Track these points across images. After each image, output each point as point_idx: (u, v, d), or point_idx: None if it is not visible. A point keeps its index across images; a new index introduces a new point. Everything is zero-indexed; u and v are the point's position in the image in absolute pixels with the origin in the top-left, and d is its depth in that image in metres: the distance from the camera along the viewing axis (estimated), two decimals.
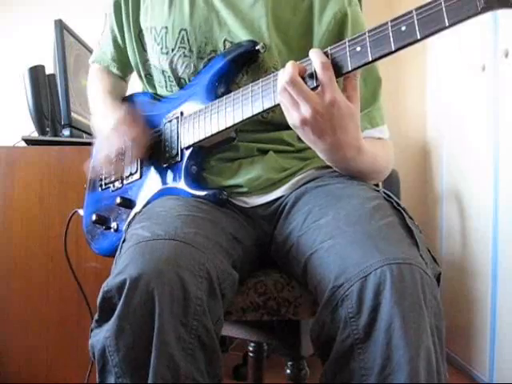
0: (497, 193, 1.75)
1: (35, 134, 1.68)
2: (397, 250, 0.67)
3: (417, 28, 0.66)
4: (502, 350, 1.73)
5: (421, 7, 0.66)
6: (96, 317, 0.68)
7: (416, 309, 0.62)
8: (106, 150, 0.96)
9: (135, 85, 1.14)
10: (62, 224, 1.28)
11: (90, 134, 1.76)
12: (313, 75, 0.75)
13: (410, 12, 0.67)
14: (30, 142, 1.62)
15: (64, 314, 1.54)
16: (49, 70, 1.70)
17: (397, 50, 0.69)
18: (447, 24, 0.64)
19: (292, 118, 0.76)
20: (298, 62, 0.76)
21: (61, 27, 1.65)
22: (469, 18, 0.63)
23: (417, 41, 0.67)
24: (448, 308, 0.69)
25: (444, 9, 0.64)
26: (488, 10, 0.62)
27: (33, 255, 1.55)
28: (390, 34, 0.69)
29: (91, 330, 0.68)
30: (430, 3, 0.66)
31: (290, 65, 0.75)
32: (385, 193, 0.82)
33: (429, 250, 0.74)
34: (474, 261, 1.94)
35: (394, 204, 0.79)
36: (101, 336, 0.65)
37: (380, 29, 0.70)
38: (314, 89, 0.75)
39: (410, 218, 0.77)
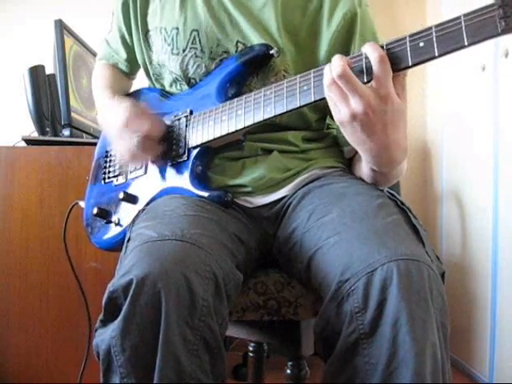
0: (497, 193, 1.75)
1: (35, 134, 1.68)
2: (404, 247, 0.67)
3: (435, 45, 0.66)
4: (502, 350, 1.73)
5: (440, 24, 0.66)
6: (101, 317, 0.68)
7: (423, 305, 0.62)
8: (120, 151, 0.94)
9: (140, 82, 1.14)
10: (61, 224, 1.29)
11: (90, 134, 1.77)
12: (362, 70, 0.71)
13: (430, 28, 0.67)
14: (30, 142, 1.62)
15: (63, 314, 1.54)
16: (49, 70, 1.70)
17: (414, 65, 0.69)
18: (466, 43, 0.63)
19: (340, 113, 0.72)
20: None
21: (61, 27, 1.65)
22: (488, 38, 0.62)
23: (434, 57, 0.66)
24: (448, 307, 0.69)
25: (464, 28, 0.63)
26: (508, 33, 0.61)
27: (32, 255, 1.55)
28: (408, 49, 0.68)
29: (95, 330, 0.68)
30: (449, 21, 0.65)
31: (338, 58, 0.70)
32: (389, 192, 0.82)
33: (432, 250, 0.74)
34: (474, 261, 1.94)
35: (399, 203, 0.79)
36: (106, 336, 0.65)
37: (398, 43, 0.70)
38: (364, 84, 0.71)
39: (415, 216, 0.77)
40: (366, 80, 0.71)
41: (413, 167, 2.42)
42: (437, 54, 0.66)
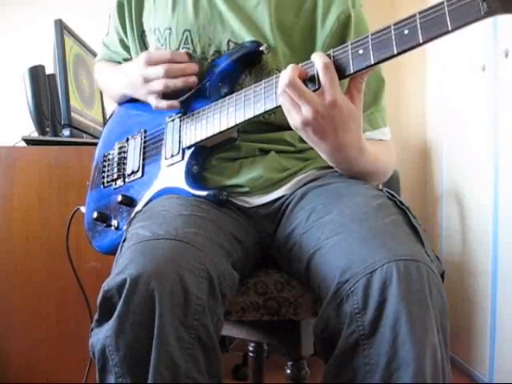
0: (497, 193, 1.75)
1: (35, 134, 1.68)
2: (403, 247, 0.67)
3: (419, 32, 0.66)
4: (502, 350, 1.73)
5: (424, 11, 0.66)
6: (96, 316, 0.68)
7: (422, 305, 0.62)
8: (152, 88, 0.92)
9: None
10: (61, 224, 1.29)
11: (90, 134, 1.77)
12: (314, 78, 0.75)
13: (414, 15, 0.67)
14: (30, 141, 1.62)
15: (64, 314, 1.54)
16: (49, 70, 1.70)
17: (399, 53, 0.69)
18: (450, 28, 0.64)
19: (293, 119, 0.77)
20: (300, 65, 0.77)
21: (61, 27, 1.65)
22: (472, 22, 0.63)
23: (419, 44, 0.67)
24: (448, 308, 0.70)
25: (447, 13, 0.64)
26: (491, 15, 0.62)
27: (33, 255, 1.55)
28: (393, 38, 0.69)
29: (91, 330, 0.68)
30: (433, 7, 0.66)
31: (289, 67, 0.75)
32: (388, 192, 0.82)
33: (432, 249, 0.74)
34: (474, 261, 1.94)
35: (398, 203, 0.79)
36: (101, 335, 0.65)
37: (383, 32, 0.70)
38: (315, 91, 0.75)
39: (414, 216, 0.77)
40: (317, 87, 0.74)
41: (413, 167, 2.42)
42: (421, 41, 0.67)
